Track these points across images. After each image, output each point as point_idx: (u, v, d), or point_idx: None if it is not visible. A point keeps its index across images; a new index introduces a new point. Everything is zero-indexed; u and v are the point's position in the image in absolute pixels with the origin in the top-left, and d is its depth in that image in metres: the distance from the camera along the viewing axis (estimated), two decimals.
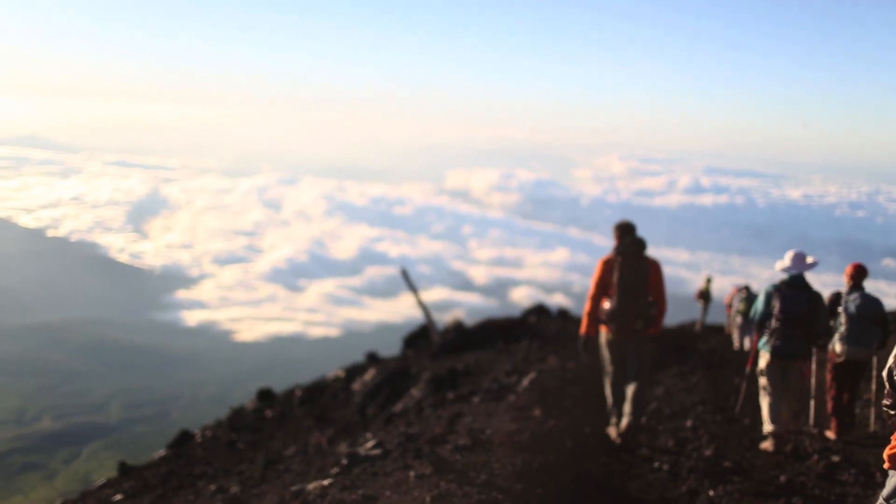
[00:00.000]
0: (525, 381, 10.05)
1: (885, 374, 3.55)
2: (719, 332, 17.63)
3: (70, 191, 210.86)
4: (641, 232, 7.73)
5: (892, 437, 3.53)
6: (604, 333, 7.62)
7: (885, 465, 3.60)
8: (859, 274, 7.65)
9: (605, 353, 7.69)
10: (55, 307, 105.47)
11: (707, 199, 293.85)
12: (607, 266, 7.47)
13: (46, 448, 50.39)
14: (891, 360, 3.50)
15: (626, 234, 7.53)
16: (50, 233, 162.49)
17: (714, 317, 20.58)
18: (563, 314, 16.60)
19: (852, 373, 7.65)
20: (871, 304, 7.46)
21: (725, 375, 11.65)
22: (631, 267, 7.39)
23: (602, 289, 7.49)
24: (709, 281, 20.72)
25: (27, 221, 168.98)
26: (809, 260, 7.36)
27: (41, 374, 70.87)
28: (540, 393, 9.76)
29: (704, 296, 20.23)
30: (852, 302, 7.54)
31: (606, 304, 7.42)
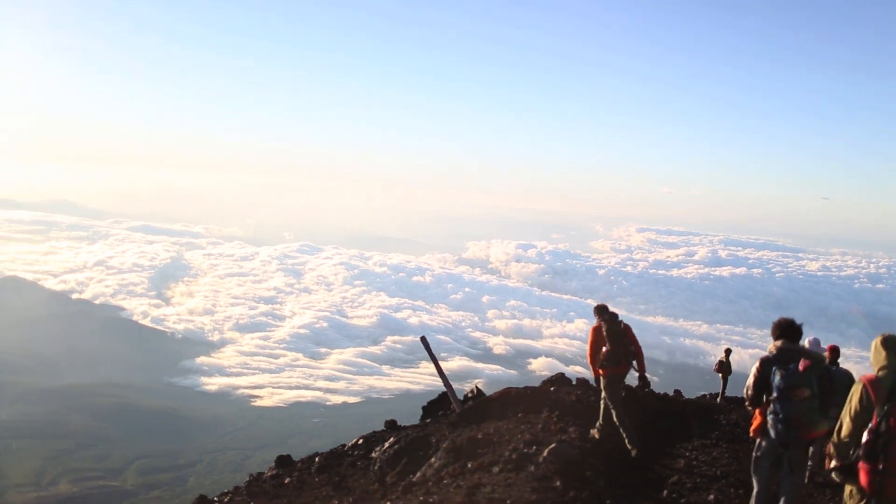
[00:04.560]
0: (545, 452, 10.06)
1: (745, 391, 6.42)
2: (741, 405, 17.47)
3: (96, 255, 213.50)
4: (660, 302, 8.72)
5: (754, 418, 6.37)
6: (605, 375, 10.84)
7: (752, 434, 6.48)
8: (834, 353, 10.54)
9: (610, 390, 10.90)
10: (79, 370, 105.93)
11: (725, 271, 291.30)
12: (598, 330, 10.91)
13: None
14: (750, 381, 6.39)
15: (605, 312, 11.05)
16: (75, 296, 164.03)
17: (734, 389, 20.46)
18: (583, 383, 16.54)
19: None
20: (841, 375, 10.00)
21: (747, 449, 11.61)
22: (614, 327, 10.77)
23: (596, 345, 10.88)
24: (728, 353, 20.64)
25: (53, 285, 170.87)
26: (824, 346, 10.50)
27: (63, 436, 70.90)
28: (560, 463, 9.77)
29: (724, 368, 20.13)
30: (834, 373, 10.00)
31: (604, 349, 10.67)
